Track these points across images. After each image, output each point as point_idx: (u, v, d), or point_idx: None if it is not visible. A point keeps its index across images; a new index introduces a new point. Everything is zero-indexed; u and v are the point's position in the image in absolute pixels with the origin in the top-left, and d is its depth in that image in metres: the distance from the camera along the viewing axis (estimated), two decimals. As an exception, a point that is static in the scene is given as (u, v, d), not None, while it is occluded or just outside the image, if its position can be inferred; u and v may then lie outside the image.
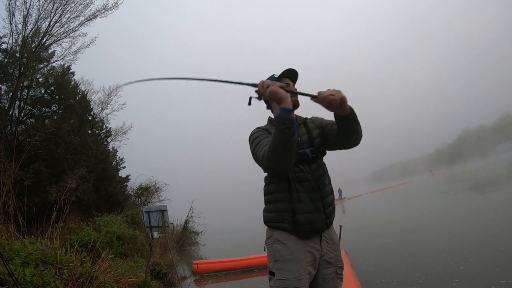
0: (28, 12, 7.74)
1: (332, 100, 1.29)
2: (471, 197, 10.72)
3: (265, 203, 1.56)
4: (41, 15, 7.92)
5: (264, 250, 1.51)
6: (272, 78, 1.60)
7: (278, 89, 1.35)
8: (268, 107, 1.67)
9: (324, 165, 1.58)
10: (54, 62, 8.70)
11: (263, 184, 1.60)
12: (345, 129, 1.42)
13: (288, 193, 1.45)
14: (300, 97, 1.57)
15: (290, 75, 1.62)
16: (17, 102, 7.54)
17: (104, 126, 11.80)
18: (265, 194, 1.56)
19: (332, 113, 1.39)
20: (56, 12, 8.08)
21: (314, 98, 1.34)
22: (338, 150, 1.60)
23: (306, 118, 1.68)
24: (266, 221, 1.53)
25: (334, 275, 1.50)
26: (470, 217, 7.09)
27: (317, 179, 1.49)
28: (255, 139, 1.53)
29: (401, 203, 16.01)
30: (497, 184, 11.90)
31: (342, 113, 1.36)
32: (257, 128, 1.62)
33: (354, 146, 1.53)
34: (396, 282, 3.85)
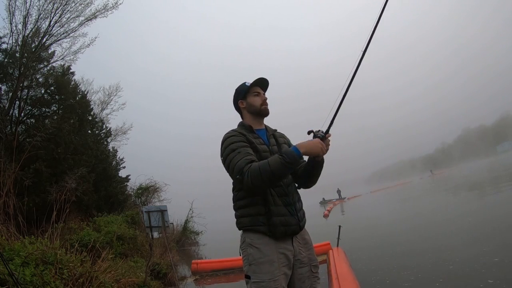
0: (28, 12, 7.75)
1: (327, 148, 1.53)
2: (467, 198, 10.74)
3: (238, 208, 1.54)
4: (41, 15, 7.94)
5: (240, 255, 1.53)
6: (243, 85, 1.68)
7: (317, 148, 1.47)
8: (237, 110, 1.74)
9: (290, 174, 1.63)
10: (54, 62, 8.72)
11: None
12: (313, 171, 1.60)
13: (262, 197, 1.47)
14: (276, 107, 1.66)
15: (261, 84, 1.69)
16: (17, 102, 7.54)
17: (104, 126, 11.83)
18: (237, 200, 1.55)
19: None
20: (56, 12, 8.10)
21: (324, 137, 1.52)
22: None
23: (275, 130, 1.76)
24: (240, 226, 1.53)
25: (309, 274, 1.52)
26: (463, 218, 7.16)
27: (287, 186, 1.56)
28: (232, 143, 1.50)
29: (399, 203, 16.04)
30: (494, 186, 11.91)
31: (320, 158, 1.57)
32: (233, 131, 1.59)
33: (305, 187, 1.68)
34: (389, 281, 3.92)
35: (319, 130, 1.53)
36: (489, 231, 5.26)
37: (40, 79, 8.25)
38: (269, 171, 1.37)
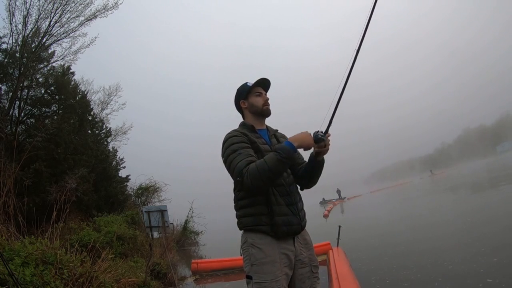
0: (28, 12, 7.75)
1: (328, 148, 1.55)
2: (466, 199, 10.76)
3: (239, 208, 1.54)
4: (41, 15, 7.94)
5: (240, 255, 1.53)
6: (245, 86, 1.68)
7: (308, 139, 1.49)
8: (239, 110, 1.75)
9: (291, 175, 1.63)
10: (54, 62, 8.72)
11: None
12: (314, 171, 1.62)
13: (264, 197, 1.47)
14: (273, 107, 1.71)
15: (263, 84, 1.69)
16: (17, 102, 7.54)
17: (104, 126, 11.81)
18: (238, 199, 1.54)
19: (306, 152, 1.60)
20: (56, 12, 8.10)
21: (323, 137, 1.52)
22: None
23: (277, 130, 1.77)
24: (242, 226, 1.53)
25: (310, 274, 1.53)
26: (462, 218, 7.19)
27: (289, 186, 1.56)
28: (234, 144, 1.50)
29: (398, 204, 16.05)
30: (493, 186, 11.92)
31: (321, 157, 1.59)
32: (235, 131, 1.59)
33: (306, 188, 1.69)
34: (389, 280, 3.94)
35: (318, 131, 1.54)
36: (487, 232, 5.28)
37: (40, 79, 8.25)
38: (267, 169, 1.37)
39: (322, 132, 1.53)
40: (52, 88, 8.33)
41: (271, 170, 1.37)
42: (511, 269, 3.34)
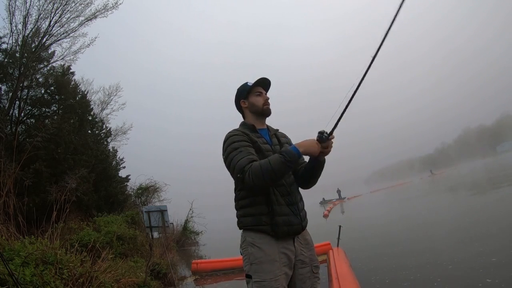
0: (28, 12, 7.76)
1: (330, 149, 1.54)
2: (466, 199, 10.76)
3: (240, 207, 1.54)
4: (41, 15, 7.94)
5: (241, 254, 1.53)
6: (245, 85, 1.69)
7: (314, 147, 1.48)
8: (239, 110, 1.75)
9: (292, 174, 1.63)
10: (54, 62, 8.73)
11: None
12: (314, 170, 1.61)
13: (265, 196, 1.47)
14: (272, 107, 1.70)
15: (263, 84, 1.70)
16: (17, 102, 7.54)
17: (104, 126, 11.81)
18: (239, 199, 1.55)
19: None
20: (56, 12, 8.11)
21: (327, 138, 1.51)
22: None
23: (277, 130, 1.76)
24: (242, 226, 1.53)
25: (310, 274, 1.53)
26: (461, 218, 7.20)
27: (290, 186, 1.56)
28: (234, 142, 1.51)
29: (398, 203, 16.05)
30: (493, 186, 11.92)
31: (322, 158, 1.57)
32: (235, 130, 1.60)
33: (306, 188, 1.69)
34: (389, 280, 3.95)
35: (324, 131, 1.54)
36: (487, 231, 5.28)
37: (40, 79, 8.25)
38: (271, 170, 1.38)
39: (327, 133, 1.53)
40: (52, 88, 8.33)
41: (274, 171, 1.38)
42: (511, 269, 3.35)
